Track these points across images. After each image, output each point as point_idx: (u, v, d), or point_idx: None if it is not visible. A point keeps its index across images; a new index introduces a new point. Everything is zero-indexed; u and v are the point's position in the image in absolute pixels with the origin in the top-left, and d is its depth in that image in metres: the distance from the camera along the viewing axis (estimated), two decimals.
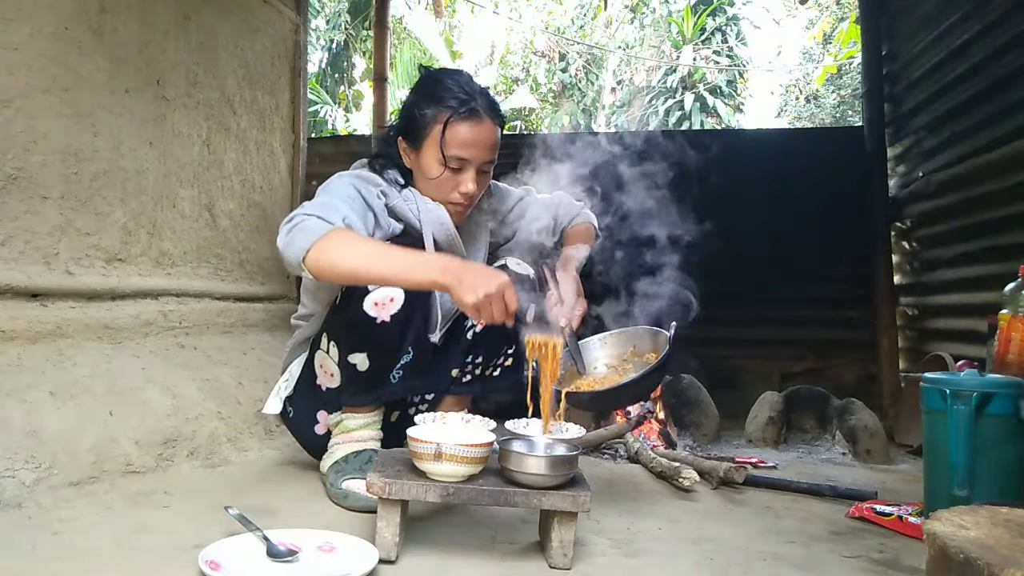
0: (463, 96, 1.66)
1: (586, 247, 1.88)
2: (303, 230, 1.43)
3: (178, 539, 1.33)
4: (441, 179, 1.69)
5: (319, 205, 1.50)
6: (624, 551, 1.42)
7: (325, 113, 12.97)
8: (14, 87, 1.90)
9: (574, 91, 16.01)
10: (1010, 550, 0.84)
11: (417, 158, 1.72)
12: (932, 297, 3.50)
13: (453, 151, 1.66)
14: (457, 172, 1.69)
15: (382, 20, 4.45)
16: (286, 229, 1.46)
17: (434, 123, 1.66)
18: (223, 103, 2.85)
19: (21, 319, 1.86)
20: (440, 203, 1.73)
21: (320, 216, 1.46)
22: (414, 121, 1.70)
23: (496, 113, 1.71)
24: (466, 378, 1.89)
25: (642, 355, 1.78)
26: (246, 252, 3.00)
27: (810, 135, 6.01)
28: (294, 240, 1.43)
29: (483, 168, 1.72)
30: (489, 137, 1.69)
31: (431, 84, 1.72)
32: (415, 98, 1.73)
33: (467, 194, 1.71)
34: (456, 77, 1.72)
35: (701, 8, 15.13)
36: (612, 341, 1.84)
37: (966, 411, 1.48)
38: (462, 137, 1.65)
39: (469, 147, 1.66)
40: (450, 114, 1.65)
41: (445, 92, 1.67)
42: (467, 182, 1.69)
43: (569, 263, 1.80)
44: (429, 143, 1.68)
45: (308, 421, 1.79)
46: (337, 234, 1.43)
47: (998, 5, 2.79)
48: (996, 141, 2.81)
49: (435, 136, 1.66)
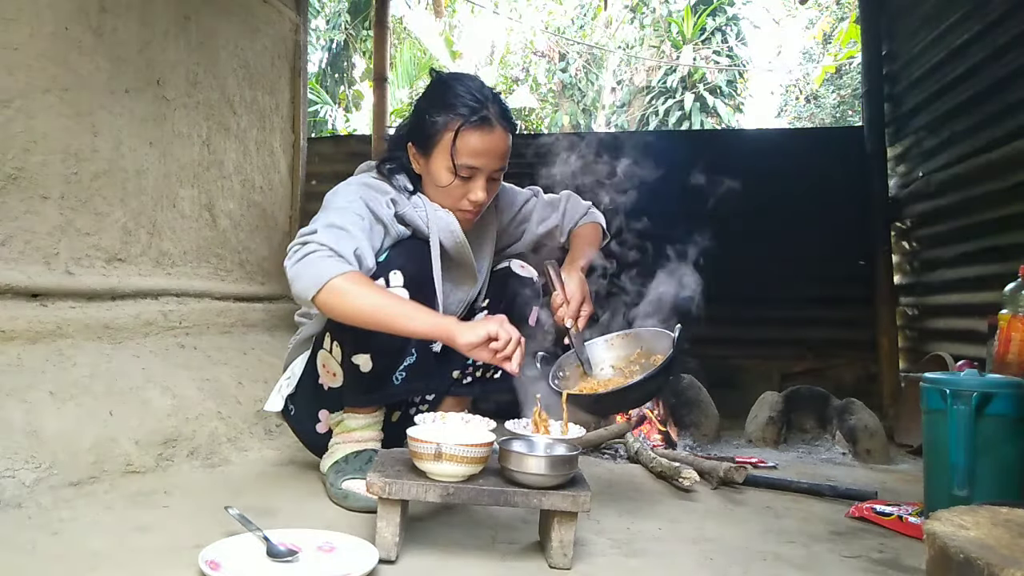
0: (474, 104, 1.62)
1: (592, 248, 1.87)
2: (313, 266, 1.43)
3: (178, 539, 1.33)
4: (451, 187, 1.67)
5: (330, 231, 1.48)
6: (624, 551, 1.42)
7: (325, 113, 12.98)
8: (14, 87, 1.90)
9: (574, 91, 16.01)
10: (1010, 550, 0.84)
11: (427, 164, 1.69)
12: (932, 297, 3.50)
13: (464, 160, 1.63)
14: (467, 180, 1.66)
15: (382, 20, 4.45)
16: (296, 256, 1.46)
17: (445, 131, 1.63)
18: (223, 103, 2.85)
19: (21, 319, 1.86)
20: (449, 210, 1.71)
21: (331, 248, 1.45)
22: (424, 127, 1.66)
23: (508, 120, 1.67)
24: (467, 380, 1.89)
25: (649, 356, 1.76)
26: (246, 252, 3.00)
27: (810, 135, 6.00)
28: (303, 275, 1.44)
29: (493, 176, 1.69)
30: (500, 146, 1.66)
31: (442, 89, 1.68)
32: (426, 103, 1.70)
33: (477, 202, 1.68)
34: (468, 83, 1.68)
35: (701, 8, 15.13)
36: (619, 343, 1.82)
37: (966, 411, 1.48)
38: (473, 146, 1.62)
39: (480, 156, 1.63)
40: (461, 122, 1.61)
41: (456, 99, 1.64)
42: (477, 190, 1.67)
43: (574, 263, 1.79)
44: (439, 150, 1.65)
45: (309, 420, 1.79)
46: (345, 281, 1.43)
47: (998, 5, 2.79)
48: (996, 141, 2.81)
49: (446, 144, 1.63)
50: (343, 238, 1.49)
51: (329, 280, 1.42)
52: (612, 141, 5.82)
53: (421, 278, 1.65)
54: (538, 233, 1.96)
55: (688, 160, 3.81)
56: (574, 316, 1.69)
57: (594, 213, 1.98)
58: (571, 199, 1.98)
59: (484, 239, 1.88)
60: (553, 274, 1.71)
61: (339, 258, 1.45)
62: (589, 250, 1.85)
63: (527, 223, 1.95)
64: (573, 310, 1.68)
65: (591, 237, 1.92)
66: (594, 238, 1.92)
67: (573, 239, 1.93)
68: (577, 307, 1.69)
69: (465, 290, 1.82)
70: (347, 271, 1.44)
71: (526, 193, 1.97)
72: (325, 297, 1.43)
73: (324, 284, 1.42)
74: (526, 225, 1.96)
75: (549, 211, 1.96)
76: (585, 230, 1.94)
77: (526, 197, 1.96)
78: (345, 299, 1.43)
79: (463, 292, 1.82)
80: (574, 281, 1.72)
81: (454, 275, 1.78)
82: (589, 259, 1.83)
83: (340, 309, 1.45)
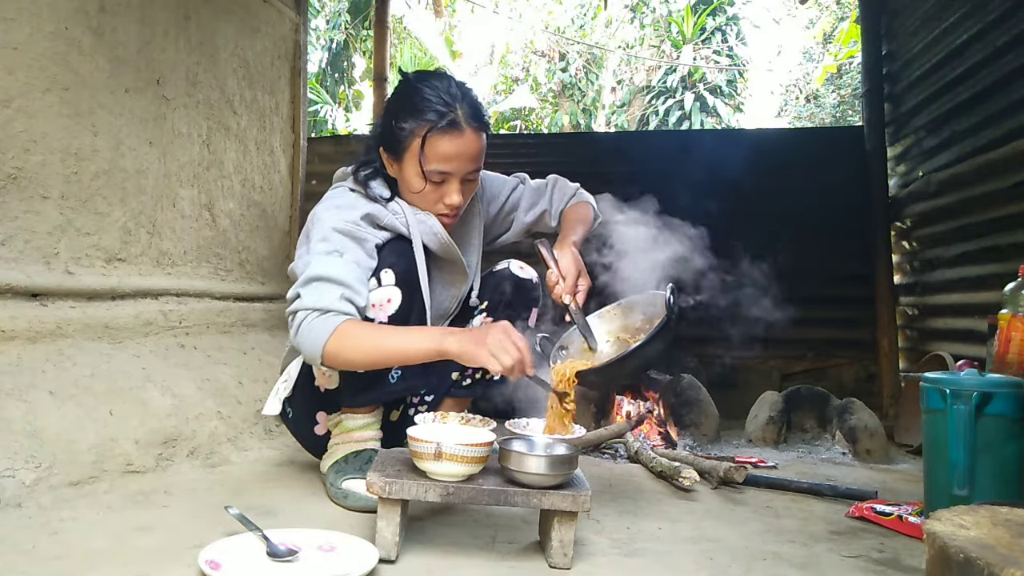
0: (441, 108, 1.57)
1: (584, 224, 1.83)
2: (309, 333, 1.45)
3: (178, 539, 1.33)
4: (424, 192, 1.64)
5: (310, 289, 1.48)
6: (624, 551, 1.42)
7: (325, 113, 12.97)
8: (14, 87, 1.90)
9: (574, 91, 16.00)
10: (1010, 550, 0.84)
11: (399, 170, 1.66)
12: (932, 297, 3.49)
13: (434, 166, 1.59)
14: (440, 184, 1.63)
15: (382, 20, 4.46)
16: (293, 327, 1.49)
17: (413, 137, 1.59)
18: (223, 103, 2.85)
19: (21, 319, 1.85)
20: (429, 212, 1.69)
21: (316, 308, 1.45)
22: (393, 133, 1.62)
23: (479, 120, 1.62)
24: (466, 382, 1.89)
25: (651, 321, 1.69)
26: (246, 252, 3.00)
27: (810, 135, 6.00)
28: (303, 347, 1.48)
29: (468, 178, 1.66)
30: (471, 148, 1.61)
31: (409, 93, 1.63)
32: (393, 107, 1.66)
33: (452, 206, 1.65)
34: (435, 83, 1.62)
35: (701, 8, 15.11)
36: (620, 312, 1.77)
37: (966, 411, 1.48)
38: (442, 151, 1.58)
39: (450, 160, 1.59)
40: (428, 127, 1.57)
41: (423, 103, 1.59)
42: (452, 194, 1.64)
43: (566, 239, 1.74)
44: (409, 156, 1.61)
45: (307, 421, 1.78)
46: (341, 334, 1.44)
47: (997, 5, 2.79)
48: (996, 141, 2.81)
49: (414, 150, 1.59)
50: (325, 290, 1.47)
51: (325, 341, 1.44)
52: (607, 142, 5.82)
53: (412, 275, 1.64)
54: (527, 221, 1.93)
55: (689, 160, 3.81)
56: (571, 291, 1.63)
57: (583, 193, 1.95)
58: (558, 182, 1.95)
59: (470, 234, 1.86)
60: (545, 252, 1.66)
61: (325, 314, 1.45)
62: (580, 227, 1.81)
63: (515, 212, 1.94)
64: (570, 285, 1.63)
65: (582, 214, 1.88)
66: (585, 216, 1.88)
67: (563, 218, 1.90)
68: (573, 282, 1.64)
69: (458, 287, 1.81)
70: (337, 327, 1.44)
71: (512, 182, 1.95)
72: (329, 358, 1.46)
73: (322, 347, 1.44)
74: (515, 214, 1.94)
75: (536, 197, 1.94)
76: (575, 209, 1.90)
77: (512, 186, 1.94)
78: (345, 353, 1.46)
79: (456, 288, 1.81)
80: (567, 257, 1.67)
81: (444, 274, 1.77)
82: (581, 235, 1.78)
83: (347, 363, 1.49)
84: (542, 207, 1.93)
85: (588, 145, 5.02)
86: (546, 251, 1.67)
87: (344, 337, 1.44)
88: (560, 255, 1.67)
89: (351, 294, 1.49)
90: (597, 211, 1.93)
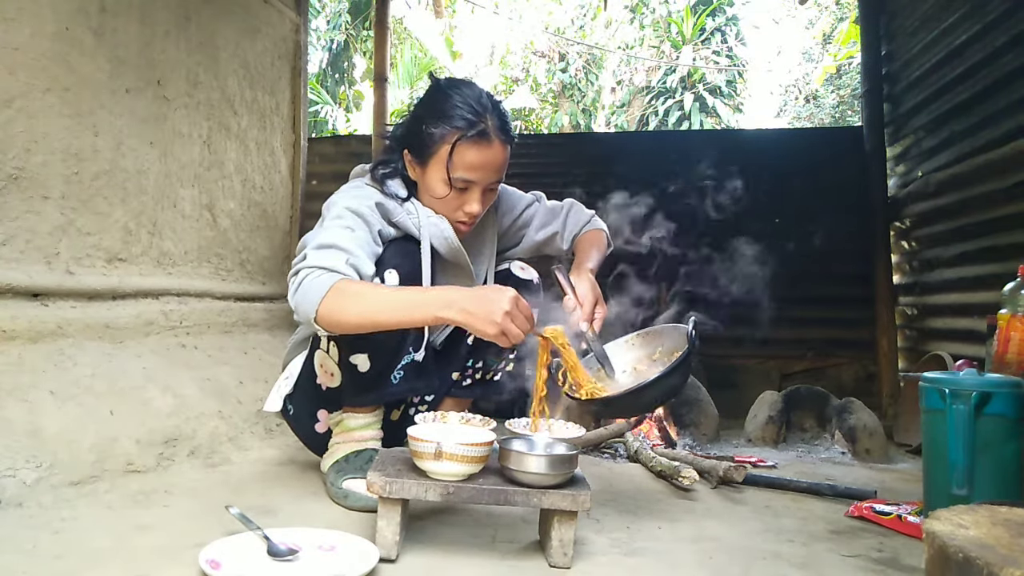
0: (472, 116, 1.59)
1: (599, 252, 1.84)
2: (309, 289, 1.41)
3: (178, 538, 1.33)
4: (446, 198, 1.65)
5: (319, 252, 1.46)
6: (624, 550, 1.42)
7: (325, 113, 12.97)
8: (14, 87, 1.90)
9: (574, 91, 16.00)
10: (1009, 549, 0.84)
11: (422, 174, 1.67)
12: (931, 297, 3.50)
13: (460, 173, 1.61)
14: (463, 192, 1.64)
15: (382, 20, 4.45)
16: (293, 285, 1.45)
17: (442, 143, 1.60)
18: (223, 103, 2.85)
19: (22, 319, 1.86)
20: (444, 217, 1.69)
21: (321, 267, 1.42)
22: (421, 137, 1.63)
23: (506, 133, 1.64)
24: (466, 382, 1.89)
25: (671, 354, 1.68)
26: (247, 252, 3.01)
27: (809, 135, 6.01)
28: (300, 302, 1.42)
29: (490, 187, 1.68)
30: (497, 159, 1.63)
31: (440, 98, 1.64)
32: (423, 112, 1.66)
33: (472, 214, 1.67)
34: (466, 91, 1.64)
35: (701, 8, 15.12)
36: (639, 342, 1.76)
37: (965, 411, 1.48)
38: (469, 160, 1.60)
39: (477, 170, 1.61)
40: (458, 135, 1.58)
41: (454, 110, 1.60)
42: (472, 203, 1.65)
43: (582, 266, 1.75)
44: (435, 162, 1.63)
45: (308, 419, 1.79)
46: (339, 289, 1.39)
47: (997, 5, 2.79)
48: (995, 141, 2.81)
49: (442, 156, 1.61)
50: (333, 254, 1.46)
51: (323, 296, 1.39)
52: (608, 141, 5.82)
53: (416, 277, 1.65)
54: (537, 239, 1.94)
55: (688, 160, 3.82)
56: (588, 319, 1.63)
57: (597, 221, 1.96)
58: (574, 207, 1.95)
59: (483, 243, 1.87)
60: (562, 278, 1.65)
61: (331, 273, 1.42)
62: (596, 254, 1.82)
63: (527, 228, 1.94)
64: (587, 312, 1.62)
65: (597, 242, 1.89)
66: (600, 243, 1.89)
67: (578, 244, 1.90)
68: (591, 310, 1.63)
69: None
70: (335, 283, 1.40)
71: (528, 198, 1.96)
72: (325, 314, 1.39)
73: (320, 301, 1.38)
74: (526, 231, 1.94)
75: (550, 217, 1.94)
76: (590, 236, 1.91)
77: (528, 202, 1.95)
78: (343, 310, 1.39)
79: None
80: (585, 284, 1.66)
81: (450, 278, 1.77)
82: (597, 262, 1.79)
83: (342, 323, 1.41)
84: (554, 228, 1.93)
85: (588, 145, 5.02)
86: (563, 277, 1.66)
87: (340, 294, 1.39)
88: (577, 282, 1.67)
89: (357, 262, 1.48)
90: (610, 239, 1.94)
